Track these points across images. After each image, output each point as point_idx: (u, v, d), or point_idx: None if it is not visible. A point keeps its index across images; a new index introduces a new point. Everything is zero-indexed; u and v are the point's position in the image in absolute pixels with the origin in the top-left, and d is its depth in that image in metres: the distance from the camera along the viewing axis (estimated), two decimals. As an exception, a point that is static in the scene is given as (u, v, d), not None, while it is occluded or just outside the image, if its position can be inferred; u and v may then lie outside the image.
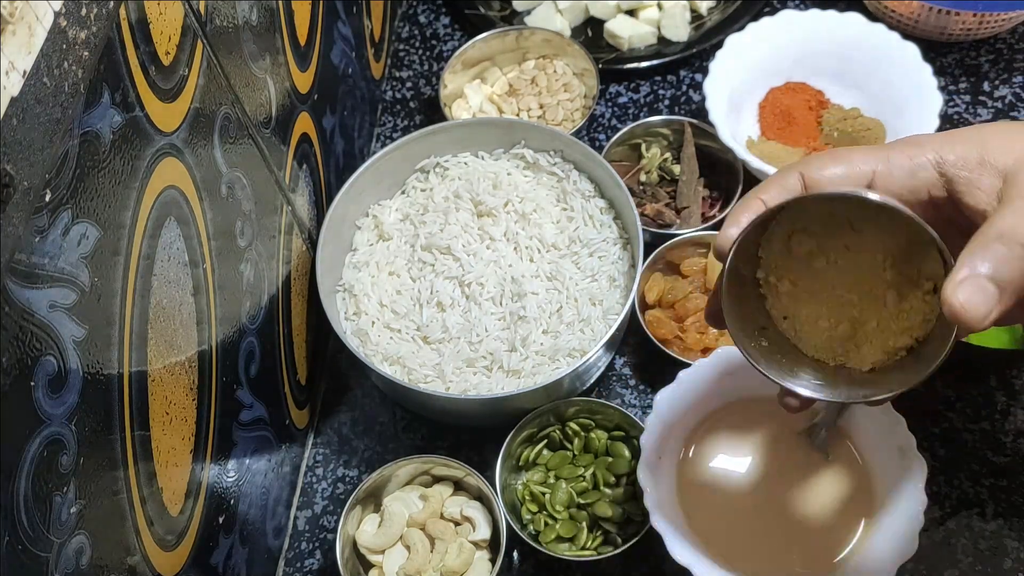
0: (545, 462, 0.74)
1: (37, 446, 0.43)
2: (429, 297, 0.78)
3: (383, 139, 0.98)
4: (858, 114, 0.88)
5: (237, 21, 0.64)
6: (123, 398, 0.50)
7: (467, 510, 0.71)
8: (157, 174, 0.53)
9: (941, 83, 0.85)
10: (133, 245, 0.51)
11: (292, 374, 0.77)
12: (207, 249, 0.60)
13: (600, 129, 0.96)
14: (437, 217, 0.82)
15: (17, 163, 0.40)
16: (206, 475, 0.61)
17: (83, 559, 0.47)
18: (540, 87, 0.95)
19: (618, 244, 0.80)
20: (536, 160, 0.84)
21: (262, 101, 0.68)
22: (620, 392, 0.81)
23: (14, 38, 0.40)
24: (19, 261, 0.41)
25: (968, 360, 0.78)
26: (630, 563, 0.73)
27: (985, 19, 0.90)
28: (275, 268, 0.72)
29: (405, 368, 0.76)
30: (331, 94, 0.84)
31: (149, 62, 0.52)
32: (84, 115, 0.46)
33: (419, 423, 0.82)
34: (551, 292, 0.78)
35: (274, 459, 0.73)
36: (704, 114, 0.86)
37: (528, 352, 0.75)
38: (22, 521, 0.42)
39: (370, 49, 0.96)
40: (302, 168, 0.77)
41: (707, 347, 0.77)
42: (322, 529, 0.78)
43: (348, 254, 0.83)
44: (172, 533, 0.57)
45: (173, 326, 0.56)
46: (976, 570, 0.70)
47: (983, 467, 0.74)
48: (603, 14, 1.01)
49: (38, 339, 0.43)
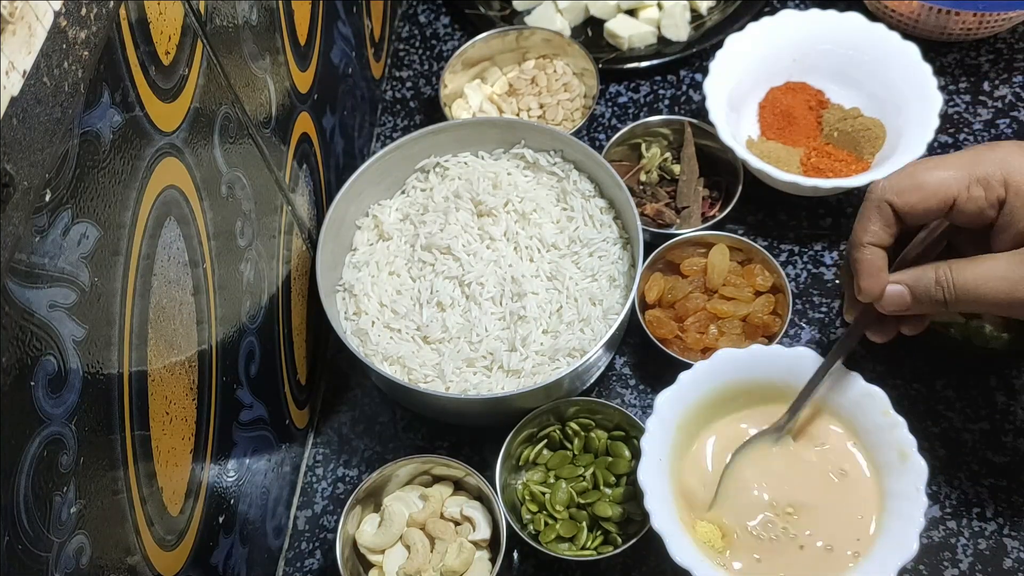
0: (545, 462, 0.74)
1: (37, 446, 0.43)
2: (429, 297, 0.78)
3: (383, 139, 0.98)
4: (858, 114, 0.88)
5: (237, 21, 0.64)
6: (123, 398, 0.50)
7: (467, 510, 0.71)
8: (157, 174, 0.53)
9: (941, 83, 0.85)
10: (133, 245, 0.51)
11: (292, 374, 0.77)
12: (207, 249, 0.60)
13: (600, 129, 0.96)
14: (437, 217, 0.82)
15: (17, 163, 0.40)
16: (206, 475, 0.61)
17: (83, 559, 0.47)
18: (540, 87, 0.95)
19: (618, 244, 0.80)
20: (536, 160, 0.84)
21: (262, 101, 0.68)
22: (620, 392, 0.81)
23: (14, 38, 0.40)
24: (19, 261, 0.41)
25: (968, 360, 0.78)
26: (630, 563, 0.73)
27: (985, 19, 0.90)
28: (275, 268, 0.72)
29: (405, 368, 0.76)
30: (331, 94, 0.84)
31: (149, 62, 0.52)
32: (84, 115, 0.46)
33: (419, 423, 0.82)
34: (551, 292, 0.78)
35: (274, 459, 0.73)
36: (704, 114, 0.86)
37: (528, 352, 0.75)
38: (22, 521, 0.42)
39: (370, 49, 0.96)
40: (302, 168, 0.77)
41: (707, 347, 0.77)
42: (322, 529, 0.78)
43: (348, 254, 0.83)
44: (172, 533, 0.57)
45: (173, 326, 0.56)
46: (976, 570, 0.70)
47: (983, 467, 0.74)
48: (603, 14, 1.01)
49: (38, 339, 0.43)
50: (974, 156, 0.58)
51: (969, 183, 0.57)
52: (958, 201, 0.58)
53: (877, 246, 0.60)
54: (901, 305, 0.60)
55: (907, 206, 0.59)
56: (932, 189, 0.58)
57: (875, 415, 0.67)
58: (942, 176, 0.58)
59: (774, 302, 0.79)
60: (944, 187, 0.58)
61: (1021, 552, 0.71)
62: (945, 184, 0.58)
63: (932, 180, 0.58)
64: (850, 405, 0.68)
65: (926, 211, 0.59)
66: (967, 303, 0.58)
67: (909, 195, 0.58)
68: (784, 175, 0.82)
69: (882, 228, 0.60)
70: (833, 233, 0.86)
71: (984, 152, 0.58)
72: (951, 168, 0.58)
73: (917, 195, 0.58)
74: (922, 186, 0.58)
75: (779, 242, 0.86)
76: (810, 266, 0.85)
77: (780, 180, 0.82)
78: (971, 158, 0.58)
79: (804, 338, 0.81)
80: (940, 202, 0.58)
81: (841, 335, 0.66)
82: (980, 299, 0.58)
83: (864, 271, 0.61)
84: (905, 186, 0.59)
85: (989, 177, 0.57)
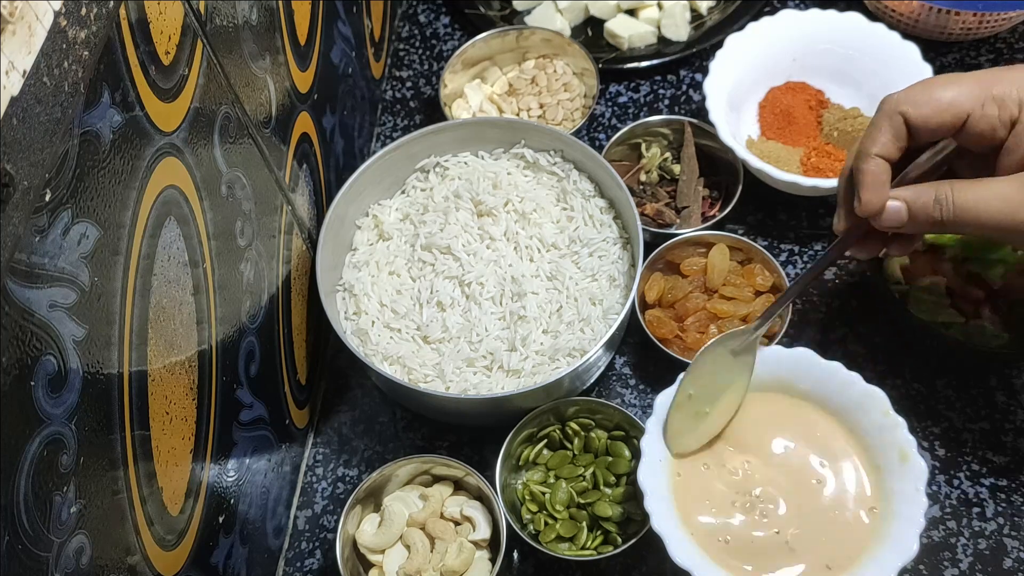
0: (545, 462, 0.74)
1: (37, 446, 0.43)
2: (429, 297, 0.78)
3: (383, 139, 0.98)
4: (858, 113, 0.88)
5: (237, 21, 0.64)
6: (123, 398, 0.50)
7: (467, 510, 0.71)
8: (157, 174, 0.53)
9: (941, 83, 0.85)
10: (133, 245, 0.51)
11: (292, 374, 0.77)
12: (207, 249, 0.60)
13: (600, 129, 0.96)
14: (437, 217, 0.82)
15: (17, 163, 0.40)
16: (206, 475, 0.61)
17: (83, 559, 0.47)
18: (540, 87, 0.95)
19: (618, 244, 0.80)
20: (536, 160, 0.84)
21: (262, 101, 0.68)
22: (620, 392, 0.81)
23: (14, 38, 0.40)
24: (19, 261, 0.41)
25: (968, 360, 0.78)
26: (630, 563, 0.73)
27: (985, 19, 0.90)
28: (275, 268, 0.72)
29: (405, 368, 0.76)
30: (331, 94, 0.84)
31: (149, 62, 0.52)
32: (84, 115, 0.46)
33: (419, 423, 0.82)
34: (551, 292, 0.78)
35: (274, 459, 0.73)
36: (704, 114, 0.86)
37: (528, 352, 0.75)
38: (22, 521, 0.42)
39: (370, 49, 0.96)
40: (302, 168, 0.77)
41: (707, 347, 0.77)
42: (322, 529, 0.78)
43: (348, 254, 0.83)
44: (172, 533, 0.57)
45: (173, 326, 0.56)
46: (976, 570, 0.70)
47: (983, 467, 0.74)
48: (603, 14, 1.01)
49: (38, 339, 0.43)
50: (992, 75, 0.58)
51: (984, 100, 0.57)
52: (971, 118, 0.58)
53: (884, 158, 0.60)
54: (898, 221, 0.60)
55: (921, 118, 0.58)
56: (947, 103, 0.58)
57: (875, 415, 0.67)
58: (958, 91, 0.58)
59: (774, 302, 0.79)
60: (959, 102, 0.58)
61: (1021, 552, 0.71)
62: (960, 99, 0.58)
63: (947, 95, 0.58)
64: (850, 405, 0.68)
65: (939, 125, 0.58)
66: (965, 224, 0.58)
67: (923, 107, 0.58)
68: (784, 175, 0.82)
69: (892, 140, 0.59)
70: (833, 233, 0.86)
71: (1003, 72, 0.58)
72: (967, 84, 0.58)
73: (931, 107, 0.58)
74: (938, 99, 0.58)
75: (779, 242, 0.86)
76: (810, 266, 0.85)
77: (780, 180, 0.82)
78: (989, 77, 0.58)
79: (804, 338, 0.81)
80: (953, 117, 0.58)
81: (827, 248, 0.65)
82: (979, 220, 0.57)
83: (868, 182, 0.60)
84: (921, 99, 0.58)
85: (1005, 96, 0.57)
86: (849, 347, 0.80)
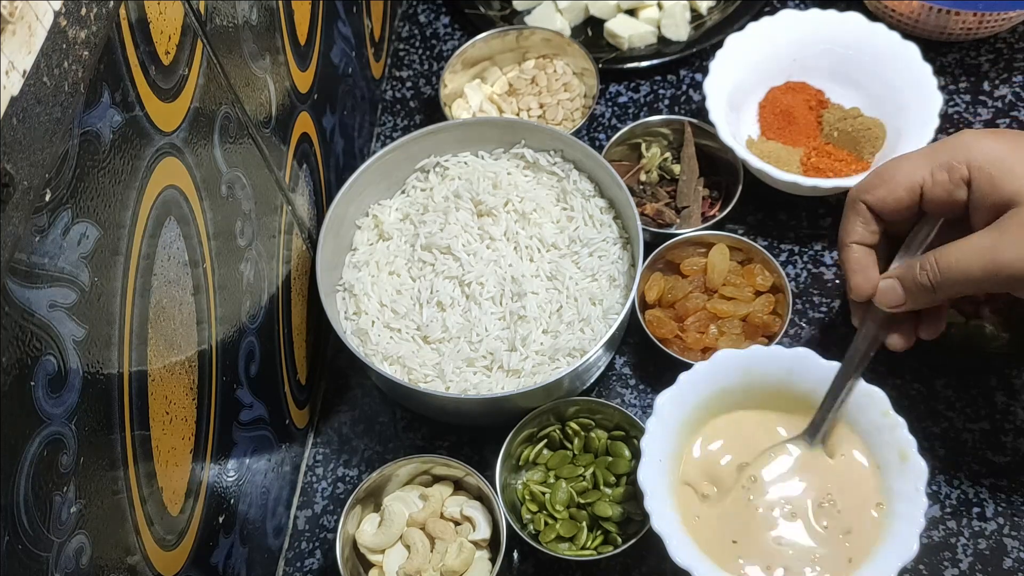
0: (545, 462, 0.74)
1: (37, 446, 0.43)
2: (429, 297, 0.78)
3: (383, 139, 0.98)
4: (858, 114, 0.88)
5: (237, 21, 0.64)
6: (123, 398, 0.50)
7: (467, 510, 0.71)
8: (157, 174, 0.53)
9: (941, 83, 0.85)
10: (133, 245, 0.51)
11: (292, 374, 0.77)
12: (207, 249, 0.60)
13: (600, 129, 0.96)
14: (437, 217, 0.82)
15: (17, 163, 0.40)
16: (206, 475, 0.61)
17: (83, 559, 0.47)
18: (540, 87, 0.95)
19: (618, 244, 0.80)
20: (536, 160, 0.84)
21: (262, 100, 0.68)
22: (620, 392, 0.81)
23: (14, 38, 0.40)
24: (19, 261, 0.41)
25: (968, 360, 0.78)
26: (630, 563, 0.73)
27: (985, 19, 0.90)
28: (275, 268, 0.72)
29: (405, 368, 0.76)
30: (331, 94, 0.84)
31: (149, 62, 0.52)
32: (84, 115, 0.46)
33: (419, 423, 0.82)
34: (551, 292, 0.78)
35: (274, 459, 0.73)
36: (704, 114, 0.85)
37: (528, 352, 0.75)
38: (22, 521, 0.42)
39: (370, 49, 0.96)
40: (302, 168, 0.77)
41: (707, 347, 0.77)
42: (322, 529, 0.78)
43: (348, 254, 0.83)
44: (172, 533, 0.57)
45: (173, 326, 0.56)
46: (976, 570, 0.70)
47: (983, 467, 0.74)
48: (603, 14, 1.01)
49: (38, 339, 0.43)
50: (935, 145, 0.62)
51: (932, 169, 0.61)
52: (925, 188, 0.61)
53: (862, 244, 0.64)
54: (896, 298, 0.63)
55: (878, 200, 0.63)
56: (898, 180, 0.62)
57: (875, 415, 0.67)
58: (906, 167, 0.62)
59: (774, 302, 0.79)
60: (908, 177, 0.62)
61: (1021, 552, 0.71)
62: (909, 174, 0.62)
63: (897, 173, 0.62)
64: (850, 405, 0.68)
65: (897, 202, 0.62)
66: (952, 284, 0.60)
67: (878, 190, 0.63)
68: (784, 175, 0.82)
69: (862, 226, 0.64)
70: (833, 233, 0.86)
71: (945, 141, 0.62)
72: (915, 159, 0.62)
73: (886, 189, 0.62)
74: (889, 180, 0.62)
75: (779, 242, 0.86)
76: (810, 266, 0.85)
77: (780, 180, 0.82)
78: (932, 147, 0.63)
79: (804, 338, 0.81)
80: (907, 191, 0.62)
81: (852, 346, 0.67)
82: (962, 276, 0.59)
83: (852, 268, 0.65)
84: (875, 183, 0.63)
85: (950, 160, 0.60)
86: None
